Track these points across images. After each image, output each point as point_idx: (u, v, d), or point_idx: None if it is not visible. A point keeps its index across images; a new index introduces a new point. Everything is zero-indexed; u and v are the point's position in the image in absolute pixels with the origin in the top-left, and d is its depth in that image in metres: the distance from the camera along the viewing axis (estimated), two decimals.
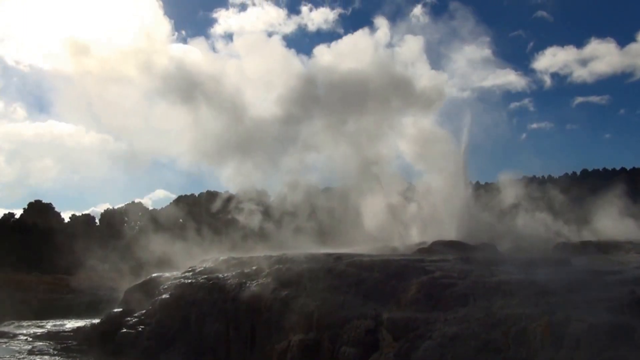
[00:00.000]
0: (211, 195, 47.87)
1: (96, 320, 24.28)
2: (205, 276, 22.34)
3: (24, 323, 28.19)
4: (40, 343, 23.55)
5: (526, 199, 30.97)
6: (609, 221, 29.30)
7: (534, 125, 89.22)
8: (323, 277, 18.29)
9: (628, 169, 53.78)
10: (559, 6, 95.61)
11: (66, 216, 58.27)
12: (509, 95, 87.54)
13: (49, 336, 24.64)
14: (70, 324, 26.82)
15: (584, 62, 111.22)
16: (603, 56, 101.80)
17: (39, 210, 55.05)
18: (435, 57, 42.30)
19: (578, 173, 54.25)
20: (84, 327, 24.86)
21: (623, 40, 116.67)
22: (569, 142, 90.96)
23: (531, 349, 12.41)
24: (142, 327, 21.39)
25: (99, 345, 21.79)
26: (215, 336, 19.66)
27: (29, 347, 22.92)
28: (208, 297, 20.76)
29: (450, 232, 24.90)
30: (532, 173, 48.50)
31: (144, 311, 22.31)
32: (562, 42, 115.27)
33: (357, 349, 14.98)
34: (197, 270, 23.69)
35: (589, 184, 35.94)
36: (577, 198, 33.79)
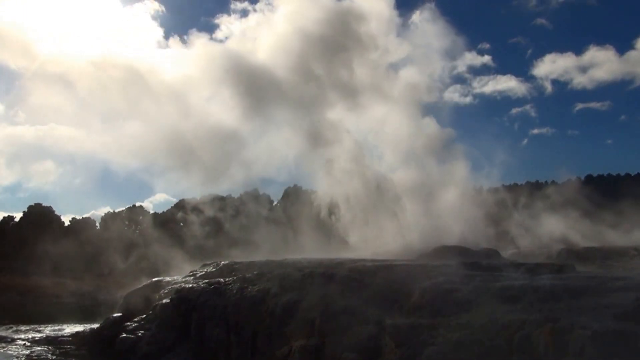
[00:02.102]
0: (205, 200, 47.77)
1: (95, 325, 24.16)
2: (206, 281, 22.23)
3: (22, 327, 28.03)
4: (39, 348, 23.39)
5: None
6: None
7: (535, 131, 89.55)
8: (325, 283, 18.16)
9: (633, 175, 53.71)
10: (558, 13, 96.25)
11: (66, 219, 58.26)
12: (510, 101, 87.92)
13: (47, 341, 24.49)
14: (69, 329, 26.71)
15: (583, 69, 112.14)
16: (602, 63, 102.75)
17: (39, 214, 54.93)
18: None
19: (582, 178, 54.16)
20: (82, 331, 24.77)
21: (622, 48, 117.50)
22: (570, 147, 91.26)
23: (535, 356, 12.26)
24: (142, 332, 21.23)
25: (98, 350, 21.67)
26: (216, 341, 19.50)
27: (27, 351, 22.75)
28: (209, 302, 20.62)
29: (450, 237, 24.74)
30: (534, 178, 48.56)
31: (144, 316, 22.18)
32: (561, 49, 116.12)
33: (359, 355, 14.82)
34: (198, 275, 23.61)
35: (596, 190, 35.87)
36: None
